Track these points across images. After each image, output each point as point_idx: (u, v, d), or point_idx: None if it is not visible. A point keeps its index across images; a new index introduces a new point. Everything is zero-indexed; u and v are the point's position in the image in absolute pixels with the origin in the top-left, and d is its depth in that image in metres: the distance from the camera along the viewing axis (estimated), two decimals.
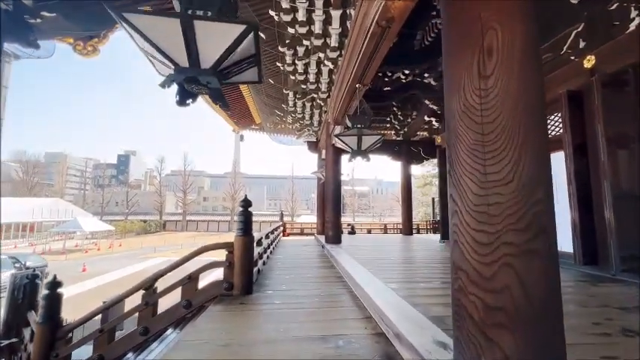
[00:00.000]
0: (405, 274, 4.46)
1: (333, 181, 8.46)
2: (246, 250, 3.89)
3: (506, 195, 1.41)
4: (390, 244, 8.77)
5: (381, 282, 3.77)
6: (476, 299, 1.43)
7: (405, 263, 5.52)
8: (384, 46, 4.53)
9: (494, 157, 1.45)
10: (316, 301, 3.47)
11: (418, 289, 3.57)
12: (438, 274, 4.41)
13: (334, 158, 8.54)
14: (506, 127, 1.46)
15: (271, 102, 10.26)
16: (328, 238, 8.27)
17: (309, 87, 8.89)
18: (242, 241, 3.87)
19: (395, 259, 5.91)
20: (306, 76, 8.87)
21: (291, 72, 8.73)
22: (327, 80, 8.57)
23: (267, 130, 15.59)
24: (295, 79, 8.90)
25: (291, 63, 8.47)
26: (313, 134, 12.96)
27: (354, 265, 4.80)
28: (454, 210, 1.61)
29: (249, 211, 3.99)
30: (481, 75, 1.52)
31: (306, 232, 14.20)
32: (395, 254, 6.67)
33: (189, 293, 3.76)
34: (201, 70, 2.10)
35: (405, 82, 9.23)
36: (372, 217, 40.79)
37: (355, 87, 5.39)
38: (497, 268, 1.38)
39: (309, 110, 11.53)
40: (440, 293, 3.36)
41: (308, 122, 12.36)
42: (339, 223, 8.41)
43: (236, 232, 3.91)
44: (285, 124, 13.82)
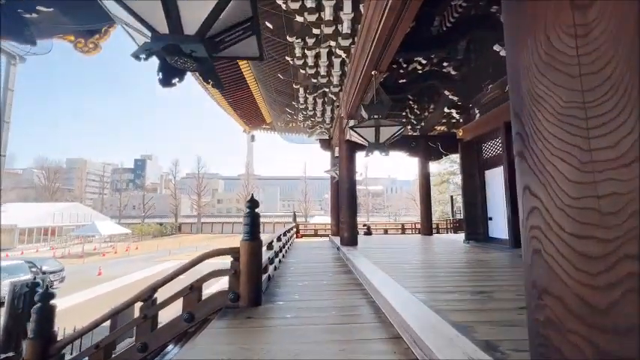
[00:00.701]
0: (432, 282, 3.95)
1: (348, 179, 7.98)
2: (254, 257, 3.48)
3: (628, 182, 0.92)
4: (410, 245, 8.22)
5: (406, 291, 3.28)
6: (582, 342, 0.94)
7: (430, 268, 4.99)
8: (403, 25, 4.04)
9: (604, 126, 0.96)
10: (333, 315, 3.01)
11: (452, 301, 3.06)
12: (471, 282, 3.88)
13: (348, 155, 8.06)
14: (621, 79, 0.97)
15: (281, 98, 9.88)
16: (343, 240, 7.80)
17: (320, 81, 8.44)
18: (249, 246, 3.46)
19: (418, 263, 5.38)
20: (316, 69, 8.44)
21: (300, 66, 8.31)
22: (339, 72, 8.11)
23: (278, 130, 15.26)
24: (305, 73, 8.48)
25: (300, 56, 8.05)
26: (325, 132, 12.51)
27: (374, 271, 4.31)
28: (532, 207, 1.12)
29: (257, 213, 3.58)
30: (576, 4, 1.03)
31: (320, 233, 13.76)
32: (417, 257, 6.14)
33: (192, 305, 3.38)
34: (183, 37, 1.68)
35: (421, 72, 8.66)
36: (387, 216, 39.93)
37: (371, 74, 4.91)
38: (618, 296, 0.89)
39: (320, 107, 11.10)
40: (479, 307, 2.84)
41: (320, 119, 11.93)
42: (354, 223, 7.93)
43: (242, 236, 3.51)
44: (297, 123, 13.43)
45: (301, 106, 11.35)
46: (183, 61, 1.79)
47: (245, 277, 3.41)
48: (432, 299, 3.06)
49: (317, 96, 10.23)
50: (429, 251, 6.89)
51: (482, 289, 3.41)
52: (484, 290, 3.36)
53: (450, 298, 3.12)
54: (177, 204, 49.84)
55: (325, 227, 16.03)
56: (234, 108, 11.77)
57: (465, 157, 8.20)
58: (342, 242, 7.80)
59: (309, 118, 12.01)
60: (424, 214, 11.45)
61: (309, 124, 12.38)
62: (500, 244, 7.00)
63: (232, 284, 3.43)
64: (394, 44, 4.53)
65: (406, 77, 8.69)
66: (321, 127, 12.32)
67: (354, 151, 8.14)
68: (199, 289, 3.44)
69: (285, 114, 12.70)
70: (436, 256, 6.17)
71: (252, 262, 3.46)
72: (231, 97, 10.70)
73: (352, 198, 8.00)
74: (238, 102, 11.29)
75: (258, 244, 3.55)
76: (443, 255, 6.29)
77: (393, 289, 3.36)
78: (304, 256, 7.21)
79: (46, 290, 3.43)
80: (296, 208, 43.69)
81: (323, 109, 11.22)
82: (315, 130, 12.44)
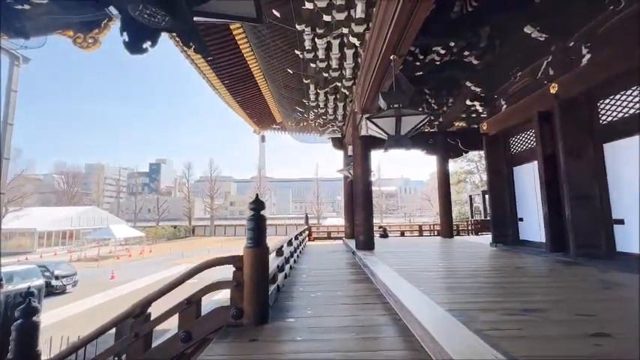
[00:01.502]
0: (467, 295, 3.39)
1: (363, 178, 7.45)
2: (259, 266, 3.02)
3: None
4: (431, 249, 7.62)
5: (438, 307, 2.75)
6: None
7: (460, 277, 4.41)
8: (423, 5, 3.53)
9: None
10: (353, 338, 2.51)
11: (498, 322, 2.50)
12: (513, 295, 3.31)
13: (363, 153, 7.53)
14: None
15: (291, 94, 9.44)
16: (359, 244, 7.27)
17: (331, 75, 7.96)
18: (253, 254, 3.00)
19: (445, 271, 4.81)
20: (327, 62, 7.96)
21: (311, 59, 7.85)
22: (352, 65, 7.61)
23: (288, 129, 14.85)
24: (316, 67, 8.01)
25: (310, 48, 7.59)
26: (338, 130, 12.02)
27: (397, 281, 3.79)
28: None
29: (262, 215, 3.12)
30: None
31: (333, 235, 13.24)
32: (443, 263, 5.55)
33: (189, 322, 2.94)
34: None
35: (439, 63, 8.07)
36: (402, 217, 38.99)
37: (389, 59, 4.39)
38: None
39: (332, 104, 10.62)
40: (535, 332, 2.28)
41: (331, 117, 11.44)
42: (371, 225, 7.39)
43: (245, 243, 3.05)
44: (307, 122, 12.99)
45: (312, 103, 10.90)
46: (152, 12, 1.33)
47: (249, 290, 2.95)
48: (471, 318, 2.52)
49: (328, 92, 9.76)
50: (454, 256, 6.29)
51: (530, 306, 2.84)
52: (534, 308, 2.79)
53: (495, 319, 2.57)
54: (191, 207, 50.21)
55: (338, 229, 15.52)
56: (243, 107, 11.41)
57: (491, 153, 7.55)
58: (358, 246, 7.27)
59: (321, 116, 11.54)
60: (444, 215, 10.78)
61: (321, 122, 11.92)
62: (534, 247, 6.33)
63: (235, 298, 2.97)
64: (415, 26, 4.01)
65: (423, 69, 8.09)
66: (332, 125, 11.83)
67: (368, 148, 7.61)
68: (198, 304, 3.00)
69: (296, 113, 12.27)
70: (463, 262, 5.57)
71: (258, 272, 3.00)
72: (240, 96, 10.35)
73: (368, 199, 7.46)
74: (247, 101, 10.93)
75: (264, 252, 3.09)
76: (471, 261, 5.68)
77: (423, 305, 2.83)
78: (317, 262, 6.73)
79: (28, 304, 3.05)
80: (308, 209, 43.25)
81: (335, 106, 10.74)
82: (326, 128, 11.96)
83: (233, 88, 9.70)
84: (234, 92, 9.97)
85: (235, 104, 10.92)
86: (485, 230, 12.64)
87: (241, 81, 9.45)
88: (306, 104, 11.23)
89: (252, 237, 3.03)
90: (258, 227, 3.06)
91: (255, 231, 3.04)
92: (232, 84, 9.57)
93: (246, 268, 2.98)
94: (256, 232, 3.04)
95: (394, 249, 7.71)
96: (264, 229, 3.13)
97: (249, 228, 3.05)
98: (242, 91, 10.00)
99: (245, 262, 2.99)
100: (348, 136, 10.26)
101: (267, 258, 3.14)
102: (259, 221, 3.08)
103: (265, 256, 3.10)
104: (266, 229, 3.15)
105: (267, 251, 3.12)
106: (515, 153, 7.05)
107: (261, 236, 3.06)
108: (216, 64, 8.35)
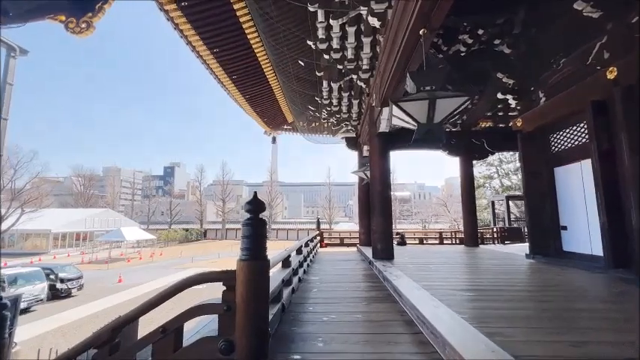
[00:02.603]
0: (529, 326, 2.61)
1: (381, 180, 6.71)
2: (257, 285, 2.32)
3: None
4: (459, 260, 6.77)
5: (493, 345, 1.99)
6: None
7: (511, 300, 3.58)
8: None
9: None
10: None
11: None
12: (595, 330, 2.50)
13: (381, 151, 6.80)
14: None
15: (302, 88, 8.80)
16: (377, 253, 6.51)
17: (346, 66, 7.29)
18: (249, 269, 2.31)
19: (487, 290, 3.99)
20: (342, 53, 7.29)
21: (324, 50, 7.21)
22: (369, 55, 6.91)
23: (300, 130, 14.24)
24: (330, 59, 7.36)
25: (324, 38, 6.95)
26: (352, 129, 11.31)
27: (431, 304, 3.03)
28: None
29: (262, 220, 2.43)
30: None
31: (346, 242, 12.46)
32: (479, 279, 4.72)
33: (165, 356, 2.28)
34: None
35: (465, 54, 7.30)
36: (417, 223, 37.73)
37: (418, 35, 3.68)
38: None
39: (346, 101, 9.94)
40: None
41: (345, 115, 10.76)
42: (389, 232, 6.62)
43: (240, 254, 2.36)
44: (320, 122, 12.34)
45: (325, 101, 10.26)
46: None
47: (243, 316, 2.25)
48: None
49: (342, 87, 9.08)
50: (490, 270, 5.43)
51: (624, 349, 2.04)
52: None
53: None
54: (202, 210, 50.25)
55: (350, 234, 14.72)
56: (253, 105, 10.86)
57: (527, 153, 6.68)
58: (375, 255, 6.51)
59: (334, 114, 10.88)
60: (468, 221, 9.88)
61: (334, 121, 11.24)
62: (582, 260, 5.42)
63: (224, 326, 2.27)
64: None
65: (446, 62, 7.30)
66: (347, 124, 11.13)
67: (387, 147, 6.87)
68: (177, 333, 2.33)
69: (308, 112, 11.65)
70: (504, 278, 4.72)
71: (255, 293, 2.30)
72: (248, 92, 9.79)
73: (386, 202, 6.71)
74: (256, 97, 10.37)
75: (264, 266, 2.39)
76: (512, 277, 4.83)
77: (474, 344, 2.08)
78: (330, 273, 6.00)
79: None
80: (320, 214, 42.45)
81: (349, 103, 10.07)
82: (340, 128, 11.27)
83: (241, 83, 9.15)
84: (242, 88, 9.42)
85: (244, 101, 10.37)
86: (512, 239, 11.61)
87: (250, 76, 8.88)
88: (318, 102, 10.60)
89: (248, 247, 2.34)
90: (257, 234, 2.37)
91: (252, 239, 2.35)
92: (241, 79, 9.02)
93: (240, 287, 2.29)
94: (254, 241, 2.35)
95: (416, 259, 6.89)
96: (264, 237, 2.44)
97: (244, 235, 2.37)
98: (251, 86, 9.44)
99: (238, 279, 2.30)
100: (364, 134, 9.54)
101: (268, 274, 2.44)
102: (258, 227, 2.39)
103: (265, 272, 2.40)
104: (266, 236, 2.46)
105: (267, 265, 2.42)
106: (558, 151, 6.16)
107: (259, 246, 2.37)
108: (223, 57, 7.81)
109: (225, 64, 8.11)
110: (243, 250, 2.35)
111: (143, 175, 77.99)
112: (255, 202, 2.40)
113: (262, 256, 2.38)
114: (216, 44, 7.32)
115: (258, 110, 11.64)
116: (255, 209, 2.39)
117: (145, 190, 64.97)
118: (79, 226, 34.62)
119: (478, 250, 8.84)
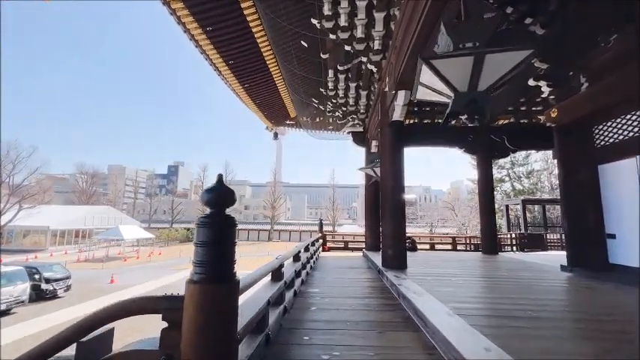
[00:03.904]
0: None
1: (393, 176, 5.83)
2: (217, 321, 1.46)
3: None
4: (485, 272, 5.86)
5: None
6: None
7: (575, 338, 2.68)
8: None
9: None
10: None
11: None
12: None
13: (394, 143, 5.92)
14: None
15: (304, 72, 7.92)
16: (387, 260, 5.62)
17: (355, 47, 6.43)
18: (204, 296, 1.44)
19: (539, 317, 3.08)
20: (351, 32, 6.43)
21: (330, 29, 6.37)
22: (382, 33, 6.03)
23: (303, 125, 13.38)
24: (337, 39, 6.51)
25: (331, 15, 6.12)
26: (359, 123, 10.43)
27: (471, 339, 2.14)
28: None
29: (227, 218, 1.57)
30: None
31: (351, 246, 11.56)
32: (523, 300, 3.78)
33: None
34: None
35: None
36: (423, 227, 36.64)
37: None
38: None
39: (353, 92, 9.07)
40: None
41: (352, 108, 9.89)
42: (403, 237, 5.74)
43: (191, 273, 1.49)
44: (324, 116, 11.50)
45: (330, 92, 9.41)
46: None
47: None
48: None
49: (349, 77, 8.23)
50: (528, 286, 4.49)
51: None
52: None
53: None
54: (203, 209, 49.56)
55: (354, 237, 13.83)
56: (252, 96, 10.04)
57: (564, 148, 5.75)
58: (386, 263, 5.62)
59: (340, 107, 10.01)
60: (486, 226, 8.94)
61: (340, 115, 10.38)
62: (634, 275, 4.47)
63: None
64: None
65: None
66: (353, 117, 10.25)
67: (402, 138, 6.00)
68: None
69: (311, 105, 10.81)
70: (547, 298, 3.80)
71: (213, 334, 1.44)
72: (247, 81, 8.97)
73: (399, 203, 5.82)
74: (256, 87, 9.55)
75: (230, 292, 1.52)
76: (558, 297, 3.92)
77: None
78: (332, 284, 5.11)
79: None
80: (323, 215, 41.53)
81: (356, 94, 9.20)
82: (346, 122, 10.39)
83: (239, 70, 8.33)
84: (240, 76, 8.60)
85: (243, 92, 9.55)
86: (532, 246, 10.63)
87: (248, 61, 8.06)
88: (323, 94, 9.75)
89: (204, 260, 1.47)
90: (219, 241, 1.51)
91: (211, 248, 1.49)
92: (238, 66, 8.21)
93: (189, 323, 1.42)
94: (214, 251, 1.49)
95: (432, 268, 5.99)
96: (232, 244, 1.57)
97: (199, 241, 1.51)
98: (249, 74, 8.62)
99: (186, 311, 1.43)
100: (373, 128, 8.67)
101: (236, 301, 1.57)
102: (222, 228, 1.53)
103: (231, 300, 1.53)
104: (235, 241, 1.60)
105: (235, 290, 1.55)
106: (604, 146, 5.23)
107: (223, 259, 1.51)
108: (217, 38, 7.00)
109: (220, 46, 7.29)
110: (197, 265, 1.49)
111: (147, 173, 77.74)
112: (220, 189, 1.54)
113: (227, 275, 1.51)
114: (210, 21, 6.52)
115: (258, 102, 10.82)
116: (219, 200, 1.53)
117: (148, 188, 64.62)
118: (78, 224, 34.08)
119: (499, 258, 7.89)
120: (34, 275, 11.84)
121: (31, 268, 12.06)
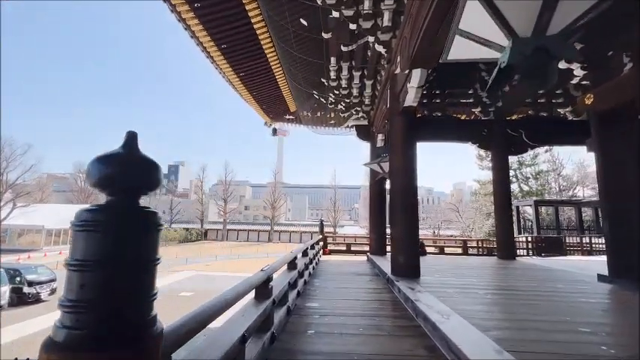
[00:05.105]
0: None
1: (405, 171, 5.09)
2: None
3: None
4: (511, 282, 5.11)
5: None
6: None
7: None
8: None
9: None
10: None
11: None
12: None
13: (406, 134, 5.18)
14: None
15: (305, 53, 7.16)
16: (398, 268, 4.87)
17: (361, 25, 5.69)
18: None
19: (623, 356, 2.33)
20: (357, 8, 5.70)
21: (333, 5, 5.64)
22: (393, 6, 5.29)
23: (304, 120, 12.64)
24: (340, 17, 5.78)
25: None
26: (364, 116, 9.68)
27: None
28: None
29: (146, 216, 0.81)
30: None
31: (354, 249, 10.80)
32: (585, 326, 3.03)
33: None
34: None
35: None
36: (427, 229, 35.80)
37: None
38: None
39: (357, 81, 8.33)
40: None
41: (356, 100, 9.14)
42: (415, 241, 5.00)
43: (54, 326, 0.74)
44: (326, 109, 10.77)
45: (332, 82, 8.68)
46: None
47: None
48: None
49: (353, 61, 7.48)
50: (577, 304, 3.73)
51: None
52: None
53: None
54: (203, 210, 48.95)
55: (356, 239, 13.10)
56: (249, 87, 9.31)
57: (604, 139, 4.99)
58: (396, 271, 4.88)
59: (343, 98, 9.27)
60: (502, 229, 8.17)
61: (342, 107, 9.63)
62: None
63: None
64: None
65: None
66: (357, 110, 9.51)
67: (415, 128, 5.26)
68: None
69: (312, 98, 10.08)
70: (610, 321, 3.06)
71: None
72: (242, 69, 8.25)
73: (411, 203, 5.09)
74: (252, 77, 8.83)
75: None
76: (608, 314, 3.16)
77: None
78: (334, 296, 4.36)
79: None
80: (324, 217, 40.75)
81: (361, 84, 8.46)
82: (350, 114, 9.65)
83: (233, 55, 7.60)
84: (234, 62, 7.88)
85: (238, 81, 8.81)
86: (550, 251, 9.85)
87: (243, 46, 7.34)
88: (325, 84, 9.03)
89: (80, 299, 0.72)
90: (119, 261, 0.76)
91: (100, 273, 0.74)
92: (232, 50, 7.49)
93: None
94: (106, 279, 0.74)
95: (449, 277, 5.23)
96: (153, 264, 0.83)
97: (72, 261, 0.76)
98: (244, 60, 7.90)
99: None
100: (379, 119, 7.92)
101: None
102: (128, 235, 0.78)
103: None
104: (158, 258, 0.86)
105: (154, 350, 0.81)
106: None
107: (127, 295, 0.77)
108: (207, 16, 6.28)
109: (211, 26, 6.57)
110: (67, 307, 0.74)
111: None
112: (127, 156, 0.79)
113: (137, 325, 0.77)
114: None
115: (255, 94, 10.09)
116: (125, 179, 0.78)
117: None
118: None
119: (518, 265, 7.12)
120: (16, 278, 11.11)
121: (13, 270, 11.34)
